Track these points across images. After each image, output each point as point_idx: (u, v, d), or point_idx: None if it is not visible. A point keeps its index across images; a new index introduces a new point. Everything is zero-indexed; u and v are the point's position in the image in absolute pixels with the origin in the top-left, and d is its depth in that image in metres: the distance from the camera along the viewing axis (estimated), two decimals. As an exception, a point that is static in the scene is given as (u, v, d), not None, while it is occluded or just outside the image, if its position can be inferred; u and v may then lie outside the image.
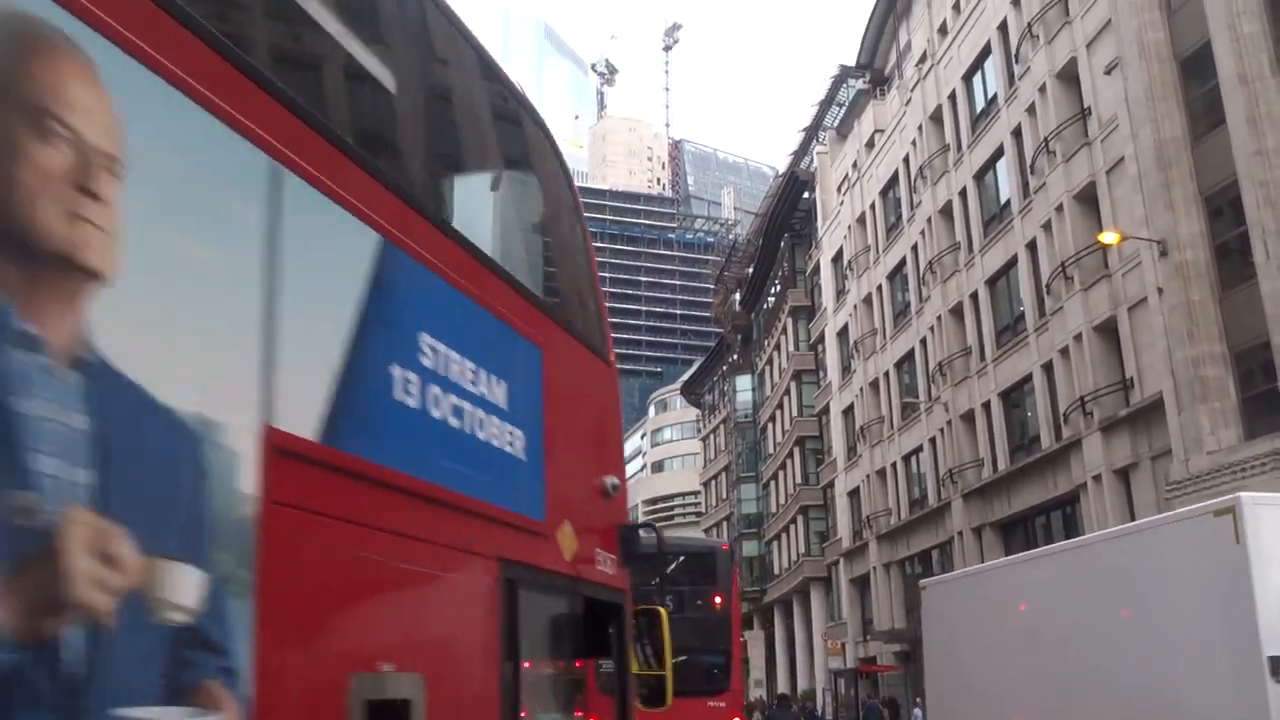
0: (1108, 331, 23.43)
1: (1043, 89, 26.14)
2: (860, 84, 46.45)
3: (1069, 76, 25.45)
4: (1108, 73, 23.00)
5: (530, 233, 5.28)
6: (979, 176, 30.82)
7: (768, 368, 57.67)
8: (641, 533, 5.34)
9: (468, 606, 3.67)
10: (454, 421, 3.56)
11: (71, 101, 2.09)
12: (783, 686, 51.79)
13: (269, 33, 3.34)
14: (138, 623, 2.14)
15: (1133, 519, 22.42)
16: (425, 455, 3.39)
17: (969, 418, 30.75)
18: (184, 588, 2.27)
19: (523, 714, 3.80)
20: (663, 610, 5.62)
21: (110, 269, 2.15)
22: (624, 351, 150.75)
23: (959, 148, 32.11)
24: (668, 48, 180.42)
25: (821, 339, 46.98)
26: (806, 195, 50.32)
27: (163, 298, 2.32)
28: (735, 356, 66.68)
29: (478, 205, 4.58)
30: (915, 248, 35.37)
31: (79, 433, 2.06)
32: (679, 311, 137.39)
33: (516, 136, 5.21)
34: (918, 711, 27.65)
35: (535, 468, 4.21)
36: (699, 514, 75.45)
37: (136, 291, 2.22)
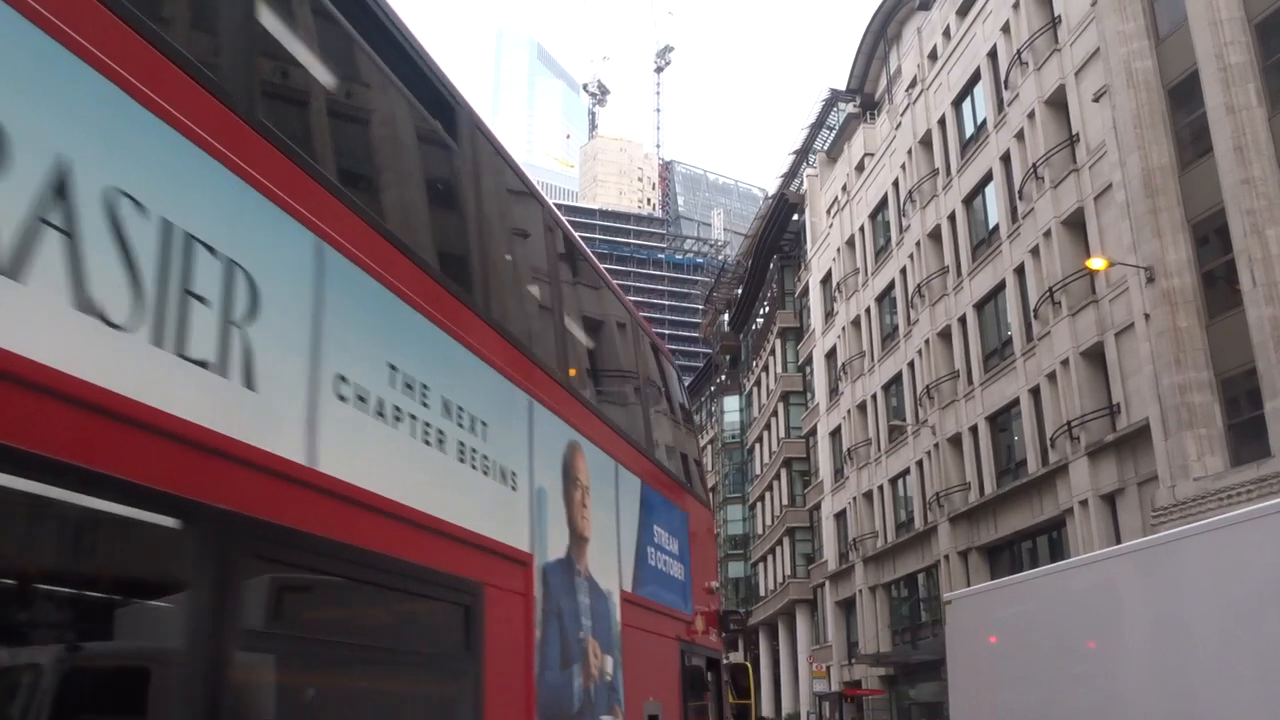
0: (1095, 357, 23.51)
1: (1031, 115, 26.33)
2: (850, 108, 46.73)
3: (1057, 103, 25.64)
4: (1096, 100, 23.18)
5: (678, 440, 9.05)
6: (968, 201, 30.98)
7: (755, 389, 57.67)
8: (731, 617, 9.41)
9: (670, 666, 7.21)
10: (663, 567, 7.19)
11: (580, 467, 5.55)
12: (767, 709, 51.53)
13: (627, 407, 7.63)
14: (602, 681, 5.54)
15: (1119, 544, 22.46)
16: (658, 589, 7.00)
17: (956, 441, 30.78)
18: (609, 665, 5.66)
19: None
20: (748, 664, 9.96)
21: (589, 534, 5.58)
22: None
23: (948, 172, 32.28)
24: (659, 69, 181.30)
25: (809, 361, 47.02)
26: (796, 217, 50.50)
27: (597, 543, 5.73)
28: (723, 377, 66.70)
29: (664, 444, 8.20)
30: (904, 271, 35.48)
31: (586, 605, 5.42)
32: (667, 331, 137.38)
33: (674, 394, 9.35)
34: None
35: (687, 583, 7.81)
36: (685, 534, 75.12)
37: (593, 543, 5.67)
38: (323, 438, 3.17)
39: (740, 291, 60.91)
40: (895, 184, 36.73)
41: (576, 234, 6.94)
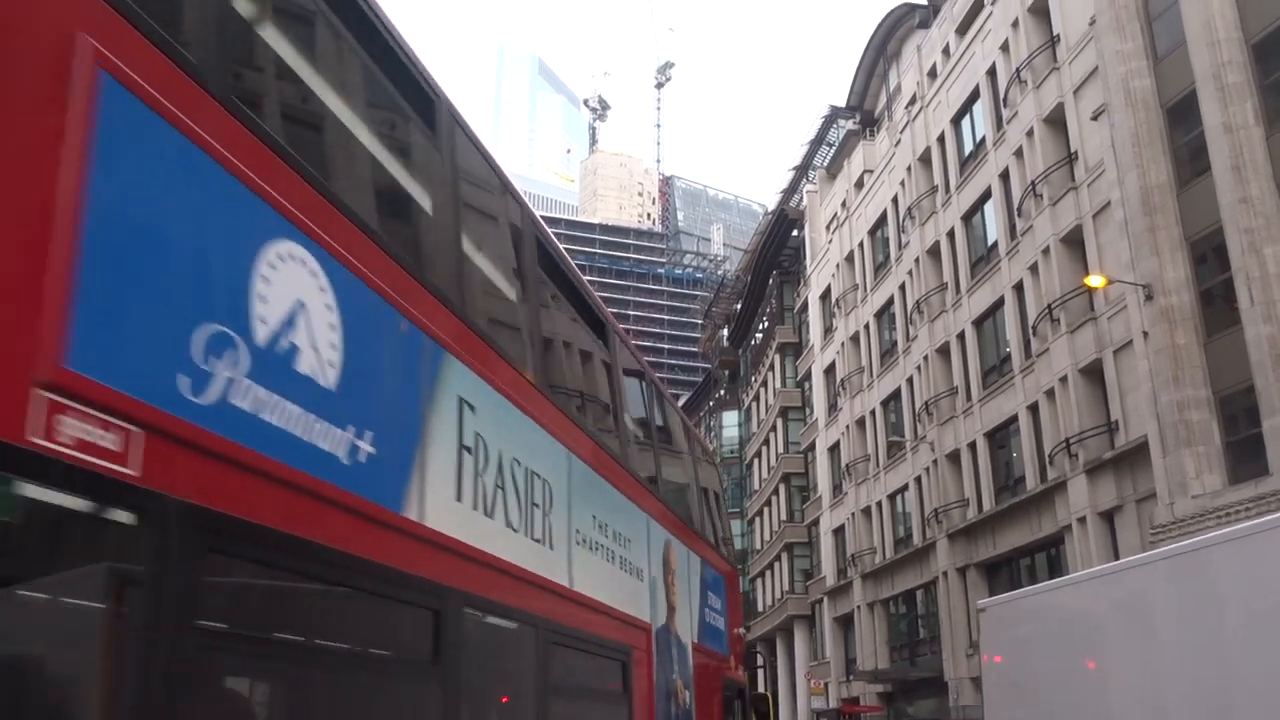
0: (1093, 374, 23.55)
1: (1030, 133, 26.44)
2: (850, 124, 46.90)
3: (1056, 121, 25.77)
4: (1094, 119, 23.30)
5: (721, 523, 11.54)
6: (967, 218, 31.08)
7: (754, 404, 57.69)
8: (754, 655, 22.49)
9: (716, 696, 9.12)
10: (712, 620, 9.20)
11: (671, 558, 7.87)
12: (765, 726, 51.25)
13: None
14: (683, 711, 7.79)
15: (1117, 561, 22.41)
16: (710, 637, 9.00)
17: (954, 458, 30.79)
18: (687, 699, 7.86)
19: None
20: (767, 695, 12.22)
21: (676, 604, 7.90)
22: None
23: (947, 189, 32.40)
24: (660, 85, 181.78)
25: (808, 376, 47.07)
26: (795, 233, 50.62)
27: (680, 610, 7.97)
28: (722, 392, 66.72)
29: (710, 528, 10.34)
30: (903, 287, 35.56)
31: (675, 655, 7.73)
32: (667, 346, 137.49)
33: (719, 491, 12.14)
34: None
35: (724, 630, 9.77)
36: (683, 550, 74.94)
37: (677, 610, 7.92)
38: (574, 568, 5.53)
39: (739, 307, 60.99)
40: (894, 200, 36.85)
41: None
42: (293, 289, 2.98)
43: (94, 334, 2.27)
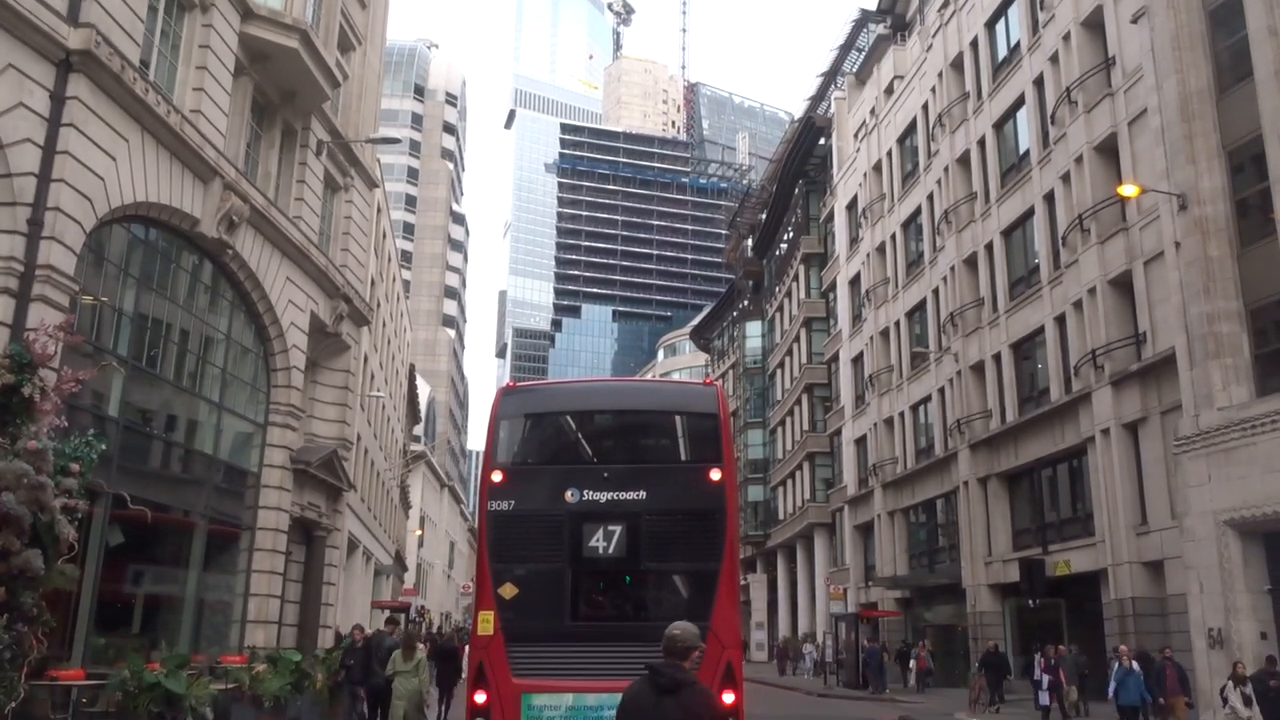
0: (1122, 285, 23.31)
1: (1067, 37, 25.73)
2: (880, 29, 45.77)
3: (1094, 24, 25.03)
4: (1134, 21, 22.60)
5: None
6: (998, 125, 30.47)
7: (778, 314, 57.61)
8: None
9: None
10: None
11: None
12: (784, 630, 52.52)
13: None
14: None
15: (1140, 473, 22.50)
16: None
17: (979, 369, 30.76)
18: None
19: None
20: None
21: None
22: (634, 295, 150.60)
23: (979, 96, 31.70)
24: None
25: (833, 287, 46.86)
26: (822, 142, 49.85)
27: None
28: (746, 302, 66.59)
29: None
30: (931, 197, 35.10)
31: None
32: (690, 256, 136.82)
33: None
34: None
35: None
36: (705, 459, 75.71)
37: None
38: None
39: (764, 216, 60.46)
40: (924, 107, 36.13)
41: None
42: None
43: None
